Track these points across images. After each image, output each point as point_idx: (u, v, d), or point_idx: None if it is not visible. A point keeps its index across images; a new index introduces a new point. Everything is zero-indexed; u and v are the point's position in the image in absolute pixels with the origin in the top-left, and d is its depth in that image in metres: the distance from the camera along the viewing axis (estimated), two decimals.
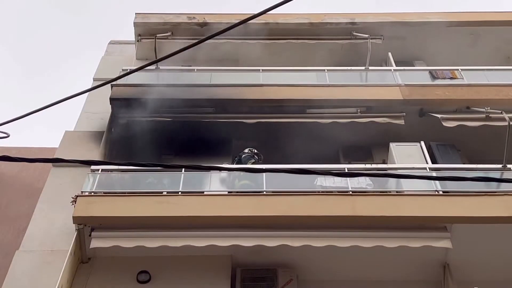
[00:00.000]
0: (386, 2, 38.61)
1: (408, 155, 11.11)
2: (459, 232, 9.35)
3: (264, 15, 4.67)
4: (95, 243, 9.18)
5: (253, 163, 10.83)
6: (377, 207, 9.41)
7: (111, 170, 10.43)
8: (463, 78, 12.93)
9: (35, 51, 40.33)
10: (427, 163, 10.74)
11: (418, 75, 13.28)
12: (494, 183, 9.73)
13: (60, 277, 8.66)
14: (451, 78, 12.94)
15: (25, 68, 39.63)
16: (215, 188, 10.11)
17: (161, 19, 14.64)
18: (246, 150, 11.33)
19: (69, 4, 40.56)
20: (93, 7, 41.06)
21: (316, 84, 12.82)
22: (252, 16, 4.52)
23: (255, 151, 11.37)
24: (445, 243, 9.16)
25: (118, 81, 11.54)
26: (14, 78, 38.62)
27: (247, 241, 9.20)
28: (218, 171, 9.99)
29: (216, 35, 4.76)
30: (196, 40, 5.02)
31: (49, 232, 9.75)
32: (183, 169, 10.11)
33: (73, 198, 9.58)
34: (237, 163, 11.18)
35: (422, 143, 11.31)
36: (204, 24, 14.47)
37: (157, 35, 14.05)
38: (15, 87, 37.28)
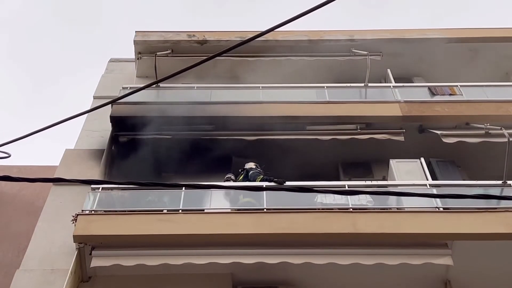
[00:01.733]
0: (385, 17, 38.83)
1: (408, 172, 11.10)
2: (460, 249, 9.33)
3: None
4: (95, 262, 9.14)
5: (261, 180, 10.67)
6: (378, 224, 9.39)
7: (112, 189, 10.42)
8: (462, 94, 12.96)
9: (32, 63, 40.62)
10: (427, 180, 10.74)
11: (417, 92, 13.30)
12: (495, 200, 9.75)
13: None
14: (450, 94, 12.99)
15: (22, 80, 39.91)
16: (216, 205, 10.09)
17: (161, 37, 14.70)
18: (253, 166, 11.19)
19: (68, 17, 40.87)
20: (91, 20, 41.37)
21: (315, 101, 12.85)
22: (253, 37, 4.55)
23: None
24: (446, 260, 9.13)
25: None
26: (12, 87, 38.83)
27: (248, 258, 9.16)
28: (218, 189, 9.97)
29: (218, 55, 4.78)
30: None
31: (50, 251, 9.75)
32: (183, 187, 10.08)
33: (73, 216, 9.57)
34: (244, 177, 11.03)
35: (422, 159, 11.31)
36: (204, 42, 14.55)
37: (157, 53, 14.09)
38: (14, 96, 37.46)
